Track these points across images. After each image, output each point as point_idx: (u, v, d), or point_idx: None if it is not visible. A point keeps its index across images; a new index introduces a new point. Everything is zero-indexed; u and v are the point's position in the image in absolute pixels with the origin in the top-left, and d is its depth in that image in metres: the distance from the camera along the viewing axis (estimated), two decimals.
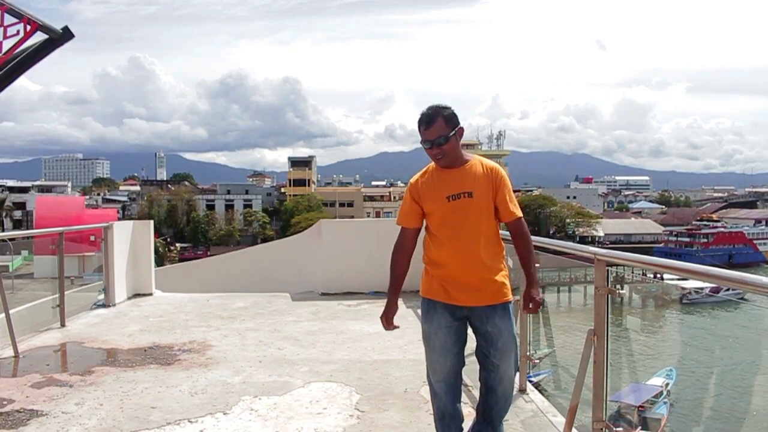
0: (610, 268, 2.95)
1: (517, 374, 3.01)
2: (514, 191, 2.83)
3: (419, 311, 6.61)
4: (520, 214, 2.70)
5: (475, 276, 2.65)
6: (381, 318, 2.90)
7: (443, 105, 2.67)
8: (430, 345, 2.77)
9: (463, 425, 2.84)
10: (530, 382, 3.89)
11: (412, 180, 2.78)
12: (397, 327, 2.86)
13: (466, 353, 2.79)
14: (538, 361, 4.08)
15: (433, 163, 2.76)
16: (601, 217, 73.99)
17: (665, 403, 17.65)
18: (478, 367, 2.79)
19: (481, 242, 2.65)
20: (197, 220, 68.45)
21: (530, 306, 2.70)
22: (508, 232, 2.79)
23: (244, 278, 8.18)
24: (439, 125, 2.61)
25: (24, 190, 77.06)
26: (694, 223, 70.66)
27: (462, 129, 2.68)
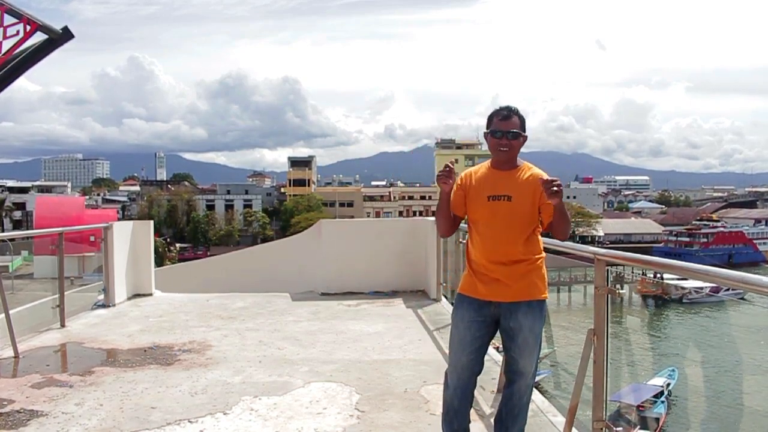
0: (609, 268, 2.96)
1: None
2: None
3: (420, 311, 6.63)
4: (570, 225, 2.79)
5: (504, 275, 2.70)
6: (443, 171, 2.71)
7: (518, 110, 2.81)
8: (451, 337, 2.85)
9: (470, 426, 2.87)
10: None
11: (466, 171, 2.88)
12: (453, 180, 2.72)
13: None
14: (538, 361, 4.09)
15: (487, 162, 2.85)
16: (601, 217, 73.96)
17: (663, 402, 17.68)
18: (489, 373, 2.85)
19: (513, 245, 2.70)
20: (197, 220, 68.44)
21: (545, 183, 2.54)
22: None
23: (244, 278, 8.18)
24: (514, 122, 2.75)
25: (24, 190, 77.02)
26: (694, 222, 70.66)
27: (526, 137, 2.79)
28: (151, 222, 7.94)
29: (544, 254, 2.80)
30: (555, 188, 2.50)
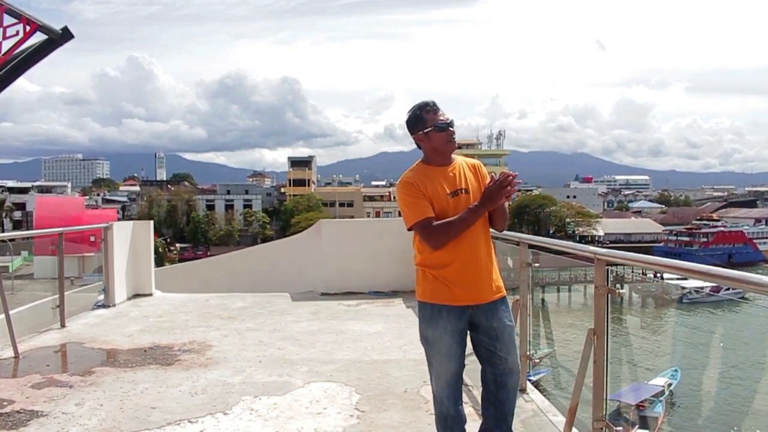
0: (610, 268, 2.95)
1: None
2: None
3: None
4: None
5: (479, 272, 2.66)
6: (498, 189, 2.57)
7: None
8: (435, 350, 2.71)
9: (466, 427, 2.83)
10: (530, 381, 3.89)
11: (408, 178, 2.69)
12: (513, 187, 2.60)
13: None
14: (538, 360, 4.09)
15: (417, 166, 2.75)
16: (601, 217, 73.94)
17: (661, 402, 17.70)
18: (477, 366, 2.79)
19: (480, 238, 2.69)
20: (197, 220, 68.44)
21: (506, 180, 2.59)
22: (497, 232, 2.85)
23: (244, 278, 8.18)
24: (444, 112, 2.74)
25: (24, 190, 77.04)
26: (694, 222, 70.65)
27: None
28: (151, 222, 7.94)
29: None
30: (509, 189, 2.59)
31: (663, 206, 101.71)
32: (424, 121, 2.70)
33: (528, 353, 3.89)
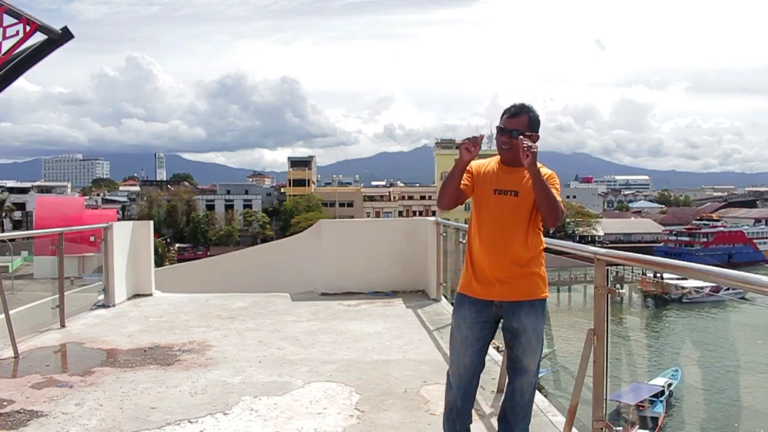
0: (609, 268, 2.95)
1: None
2: None
3: (419, 311, 6.62)
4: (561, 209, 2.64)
5: (504, 273, 2.67)
6: (472, 138, 2.63)
7: (532, 107, 2.75)
8: (453, 337, 2.82)
9: (471, 427, 2.86)
10: None
11: (476, 163, 2.81)
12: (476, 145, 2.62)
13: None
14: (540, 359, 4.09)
15: (497, 158, 2.81)
16: (601, 217, 73.95)
17: (661, 402, 17.71)
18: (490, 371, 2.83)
19: (516, 241, 2.67)
20: (197, 220, 68.44)
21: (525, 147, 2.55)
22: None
23: (244, 278, 8.18)
24: (521, 120, 2.70)
25: (24, 190, 77.06)
26: (693, 222, 70.71)
27: (538, 137, 2.73)
28: (151, 222, 7.93)
29: (543, 247, 2.77)
30: (526, 148, 2.51)
31: (663, 206, 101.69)
32: (501, 119, 2.76)
33: None
